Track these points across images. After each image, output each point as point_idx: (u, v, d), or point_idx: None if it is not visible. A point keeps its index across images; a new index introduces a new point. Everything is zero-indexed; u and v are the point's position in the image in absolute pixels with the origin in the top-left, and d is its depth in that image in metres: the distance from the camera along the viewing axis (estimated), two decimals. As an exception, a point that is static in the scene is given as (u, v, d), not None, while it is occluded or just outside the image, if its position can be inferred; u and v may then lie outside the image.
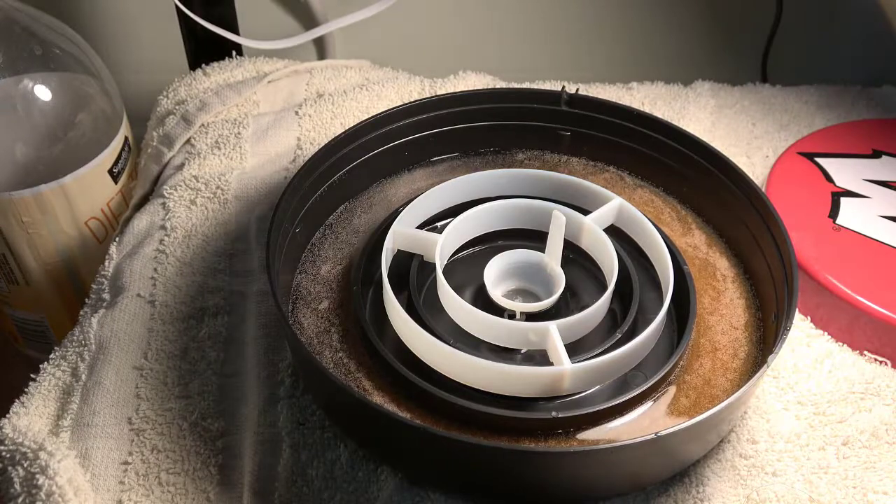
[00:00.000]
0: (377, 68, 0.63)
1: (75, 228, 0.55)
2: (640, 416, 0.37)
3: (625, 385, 0.38)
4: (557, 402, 0.38)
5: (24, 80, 0.52)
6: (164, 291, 0.44)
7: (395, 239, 0.42)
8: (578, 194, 0.45)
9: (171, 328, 0.42)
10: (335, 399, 0.37)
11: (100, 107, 0.55)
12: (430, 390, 0.36)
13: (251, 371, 0.40)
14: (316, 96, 0.58)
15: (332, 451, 0.37)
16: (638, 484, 0.36)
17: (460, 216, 0.43)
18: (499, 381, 0.37)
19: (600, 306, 0.39)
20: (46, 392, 0.40)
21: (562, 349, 0.37)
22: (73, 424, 0.39)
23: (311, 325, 0.40)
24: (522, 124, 0.50)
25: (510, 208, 0.44)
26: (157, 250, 0.46)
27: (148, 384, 0.40)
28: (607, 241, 0.42)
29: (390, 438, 0.36)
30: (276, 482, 0.36)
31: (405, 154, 0.49)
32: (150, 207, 0.50)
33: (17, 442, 0.37)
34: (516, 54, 0.72)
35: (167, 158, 0.54)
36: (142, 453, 0.37)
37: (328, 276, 0.43)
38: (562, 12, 0.70)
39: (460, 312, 0.39)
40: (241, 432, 0.38)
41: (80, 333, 0.43)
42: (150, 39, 0.70)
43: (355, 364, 0.39)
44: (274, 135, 0.54)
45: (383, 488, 0.36)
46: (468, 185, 0.46)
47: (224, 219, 0.49)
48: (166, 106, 0.58)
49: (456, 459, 0.35)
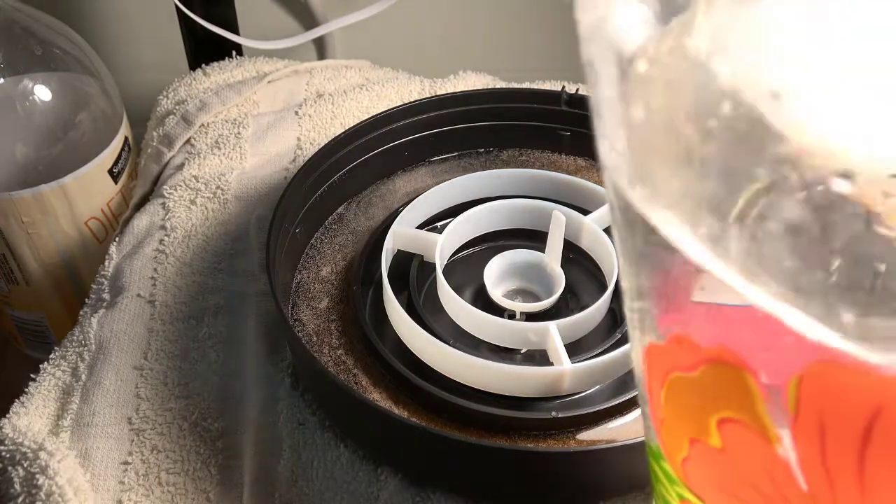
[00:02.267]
0: (377, 68, 0.63)
1: (75, 228, 0.55)
2: (640, 416, 0.37)
3: (625, 385, 0.38)
4: (557, 402, 0.38)
5: (24, 80, 0.52)
6: (164, 291, 0.44)
7: (395, 239, 0.42)
8: (578, 194, 0.45)
9: (171, 328, 0.42)
10: (335, 399, 0.37)
11: (100, 107, 0.55)
12: (430, 390, 0.36)
13: (251, 371, 0.40)
14: (316, 96, 0.58)
15: (332, 451, 0.37)
16: (638, 484, 0.36)
17: (460, 216, 0.43)
18: (499, 381, 0.37)
19: (600, 306, 0.39)
20: (46, 392, 0.40)
21: (562, 349, 0.37)
22: (73, 424, 0.39)
23: (312, 325, 0.40)
24: (522, 124, 0.50)
25: (510, 208, 0.44)
26: (157, 250, 0.46)
27: (148, 384, 0.40)
28: (607, 241, 0.42)
29: (390, 438, 0.36)
30: (277, 482, 0.36)
31: (405, 154, 0.49)
32: (150, 207, 0.50)
33: (17, 442, 0.37)
34: (516, 54, 0.72)
35: (167, 158, 0.54)
36: (142, 453, 0.37)
37: (328, 276, 0.43)
38: (562, 12, 0.70)
39: (460, 312, 0.39)
40: (241, 432, 0.38)
41: (80, 333, 0.43)
42: (150, 39, 0.70)
43: (355, 364, 0.39)
44: (274, 135, 0.54)
45: (383, 488, 0.36)
46: (468, 185, 0.46)
47: (224, 219, 0.48)
48: (166, 106, 0.58)
49: (456, 459, 0.35)
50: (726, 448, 0.18)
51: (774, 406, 0.17)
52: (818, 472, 0.17)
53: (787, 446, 0.17)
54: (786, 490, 0.18)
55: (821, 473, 0.17)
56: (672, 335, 0.19)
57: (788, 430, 0.17)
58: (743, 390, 0.17)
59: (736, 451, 0.18)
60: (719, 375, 0.17)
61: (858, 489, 0.17)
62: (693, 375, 0.18)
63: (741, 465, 0.18)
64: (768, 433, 0.17)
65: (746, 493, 0.19)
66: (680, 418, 0.20)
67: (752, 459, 0.18)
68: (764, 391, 0.17)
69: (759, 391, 0.17)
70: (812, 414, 0.16)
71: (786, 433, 0.17)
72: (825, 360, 0.15)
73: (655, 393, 0.20)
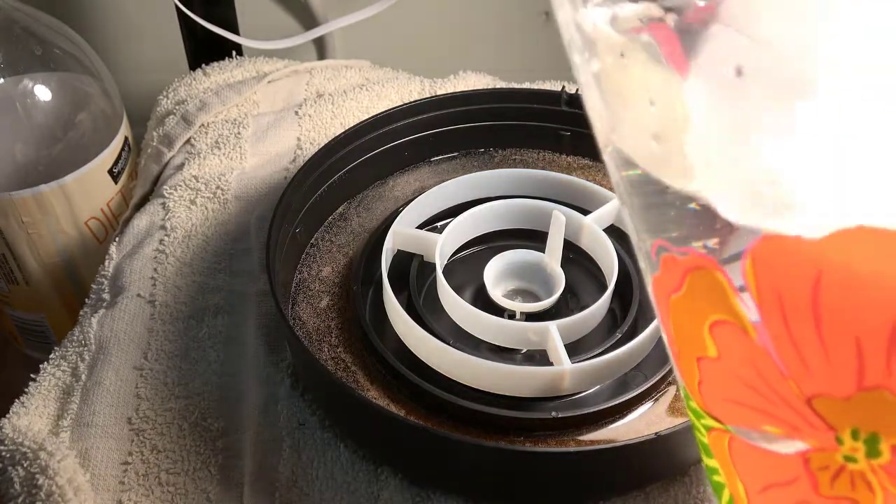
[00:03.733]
0: (377, 68, 0.63)
1: (75, 228, 0.55)
2: (640, 416, 0.37)
3: (625, 385, 0.38)
4: (557, 402, 0.38)
5: (24, 80, 0.52)
6: (164, 291, 0.44)
7: (395, 239, 0.42)
8: (578, 194, 0.45)
9: (171, 328, 0.42)
10: (335, 399, 0.37)
11: (100, 107, 0.55)
12: (430, 390, 0.36)
13: (251, 371, 0.40)
14: (316, 96, 0.58)
15: (332, 451, 0.37)
16: (638, 484, 0.36)
17: (460, 216, 0.43)
18: (499, 381, 0.37)
19: (600, 306, 0.39)
20: (46, 392, 0.40)
21: (562, 349, 0.37)
22: (73, 424, 0.39)
23: (312, 325, 0.40)
24: (522, 124, 0.50)
25: (510, 208, 0.44)
26: (157, 250, 0.46)
27: (148, 384, 0.40)
28: (607, 241, 0.42)
29: (390, 438, 0.36)
30: (277, 482, 0.36)
31: (405, 154, 0.49)
32: (150, 207, 0.50)
33: (17, 442, 0.37)
34: (516, 54, 0.72)
35: (167, 158, 0.54)
36: (142, 453, 0.37)
37: (328, 276, 0.43)
38: (562, 12, 0.70)
39: (460, 312, 0.39)
40: (241, 432, 0.38)
41: (80, 333, 0.43)
42: (150, 39, 0.70)
43: (355, 364, 0.39)
44: (274, 135, 0.54)
45: (384, 488, 0.36)
46: (468, 185, 0.46)
47: (224, 219, 0.48)
48: (166, 106, 0.58)
49: (456, 459, 0.35)
50: (721, 354, 0.20)
51: (743, 297, 0.19)
52: (789, 350, 0.18)
53: (762, 334, 0.19)
54: (771, 380, 0.19)
55: (791, 352, 0.18)
56: (661, 259, 0.21)
57: (758, 315, 0.18)
58: (717, 289, 0.19)
59: (728, 354, 0.20)
60: (697, 282, 0.20)
61: (825, 360, 0.18)
62: (682, 293, 0.20)
63: (735, 368, 0.20)
64: (744, 324, 0.19)
65: (745, 395, 0.20)
66: (685, 340, 0.21)
67: (740, 357, 0.19)
68: (732, 284, 0.19)
69: (728, 285, 0.19)
70: (769, 291, 0.18)
71: (756, 319, 0.19)
72: (765, 236, 0.18)
73: (667, 326, 0.22)
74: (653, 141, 0.20)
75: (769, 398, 0.19)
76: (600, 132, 0.22)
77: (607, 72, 0.21)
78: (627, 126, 0.21)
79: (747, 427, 0.21)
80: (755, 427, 0.20)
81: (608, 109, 0.21)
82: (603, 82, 0.21)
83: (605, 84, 0.21)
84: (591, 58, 0.20)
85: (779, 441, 0.20)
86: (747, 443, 0.21)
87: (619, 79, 0.21)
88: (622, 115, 0.21)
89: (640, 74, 0.20)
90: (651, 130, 0.21)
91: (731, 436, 0.21)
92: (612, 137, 0.21)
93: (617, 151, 0.21)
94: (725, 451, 0.22)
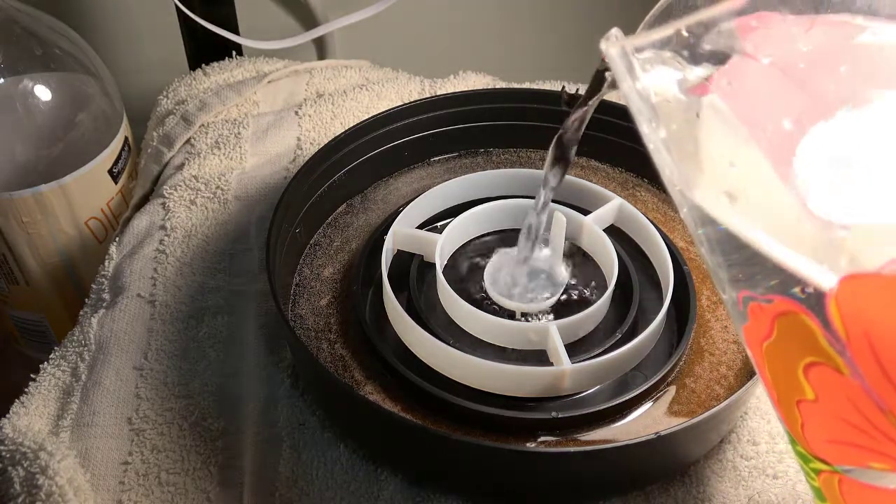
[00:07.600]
0: (377, 68, 0.63)
1: (75, 228, 0.55)
2: (640, 416, 0.37)
3: (625, 385, 0.38)
4: (557, 402, 0.38)
5: (24, 80, 0.52)
6: (164, 291, 0.44)
7: (395, 239, 0.42)
8: (578, 194, 0.45)
9: (171, 328, 0.42)
10: (335, 399, 0.37)
11: (100, 107, 0.55)
12: (430, 390, 0.36)
13: (251, 371, 0.40)
14: (316, 96, 0.58)
15: (332, 451, 0.37)
16: (638, 484, 0.36)
17: (460, 216, 0.43)
18: (499, 381, 0.37)
19: (600, 306, 0.39)
20: (46, 392, 0.40)
21: (562, 349, 0.37)
22: (73, 424, 0.39)
23: (312, 325, 0.40)
24: (522, 124, 0.50)
25: (510, 208, 0.44)
26: (157, 250, 0.46)
27: (148, 384, 0.40)
28: (607, 241, 0.42)
29: (390, 438, 0.36)
30: (277, 482, 0.36)
31: (405, 154, 0.49)
32: (150, 207, 0.50)
33: (17, 442, 0.37)
34: (516, 54, 0.72)
35: (167, 158, 0.54)
36: (142, 453, 0.37)
37: (328, 276, 0.43)
38: (562, 12, 0.70)
39: (460, 312, 0.39)
40: (241, 432, 0.38)
41: (80, 333, 0.43)
42: (150, 39, 0.70)
43: (355, 364, 0.39)
44: (274, 135, 0.54)
45: (384, 488, 0.36)
46: (468, 185, 0.46)
47: (224, 219, 0.49)
48: (166, 106, 0.58)
49: (456, 459, 0.35)
50: (818, 396, 0.20)
51: (832, 336, 0.19)
52: (884, 386, 0.18)
53: (856, 371, 0.19)
54: (870, 415, 0.19)
55: (886, 387, 0.18)
56: (749, 308, 0.21)
57: (849, 353, 0.19)
58: (806, 331, 0.19)
59: (825, 395, 0.20)
60: (786, 326, 0.20)
61: None
62: (773, 339, 0.20)
63: (833, 407, 0.20)
64: (837, 363, 0.19)
65: (847, 433, 0.20)
66: (782, 385, 0.21)
67: (837, 397, 0.20)
68: (820, 325, 0.19)
69: (817, 327, 0.19)
70: (856, 328, 0.18)
71: (848, 358, 0.19)
72: (846, 276, 0.18)
73: (764, 373, 0.22)
74: (731, 198, 0.21)
75: (870, 434, 0.19)
76: (674, 192, 0.22)
77: (675, 137, 0.21)
78: (705, 185, 0.21)
79: (854, 465, 0.21)
80: (861, 464, 0.20)
81: (681, 172, 0.21)
82: (673, 147, 0.21)
83: (675, 148, 0.21)
84: (658, 127, 0.21)
85: (887, 476, 0.20)
86: (856, 481, 0.21)
87: (692, 141, 0.21)
88: (697, 177, 0.22)
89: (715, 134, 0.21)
90: (730, 188, 0.21)
91: (839, 476, 0.21)
92: (689, 196, 0.21)
93: (695, 209, 0.21)
94: (837, 493, 0.22)
